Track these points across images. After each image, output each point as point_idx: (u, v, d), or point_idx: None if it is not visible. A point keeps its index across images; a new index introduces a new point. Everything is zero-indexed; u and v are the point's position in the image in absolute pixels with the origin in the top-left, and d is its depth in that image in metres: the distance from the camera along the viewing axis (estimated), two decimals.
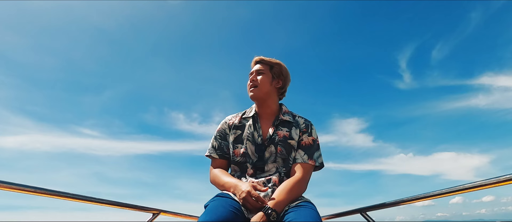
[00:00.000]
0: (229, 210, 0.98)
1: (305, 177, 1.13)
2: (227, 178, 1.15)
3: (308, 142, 1.21)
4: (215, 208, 0.99)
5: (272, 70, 1.27)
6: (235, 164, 1.23)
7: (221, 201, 1.01)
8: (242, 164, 1.20)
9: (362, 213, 1.52)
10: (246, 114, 1.30)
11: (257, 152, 1.19)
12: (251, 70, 1.29)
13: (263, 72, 1.26)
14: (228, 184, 1.11)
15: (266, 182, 1.13)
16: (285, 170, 1.17)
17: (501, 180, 0.90)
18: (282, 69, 1.28)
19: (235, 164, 1.23)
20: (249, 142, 1.20)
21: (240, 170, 1.22)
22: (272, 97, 1.27)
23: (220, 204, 1.00)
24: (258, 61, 1.29)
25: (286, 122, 1.24)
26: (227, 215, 0.96)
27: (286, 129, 1.21)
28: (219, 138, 1.27)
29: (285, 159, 1.18)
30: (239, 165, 1.22)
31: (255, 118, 1.25)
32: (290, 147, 1.19)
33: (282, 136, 1.19)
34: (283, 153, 1.17)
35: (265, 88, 1.24)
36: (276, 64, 1.28)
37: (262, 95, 1.24)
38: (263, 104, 1.26)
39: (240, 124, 1.26)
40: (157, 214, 1.56)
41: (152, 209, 1.55)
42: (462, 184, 1.02)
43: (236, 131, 1.25)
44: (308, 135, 1.22)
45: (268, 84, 1.24)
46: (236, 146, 1.22)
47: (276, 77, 1.27)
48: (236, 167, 1.23)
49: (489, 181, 0.96)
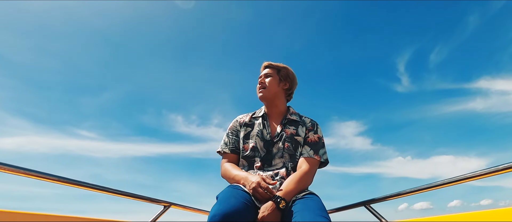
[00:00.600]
0: (241, 200, 1.01)
1: (311, 170, 1.19)
2: (237, 171, 1.21)
3: (314, 139, 1.28)
4: (227, 198, 1.02)
5: (280, 73, 1.37)
6: (244, 158, 1.29)
7: (232, 192, 1.05)
8: (251, 158, 1.27)
9: (366, 206, 1.56)
10: (256, 113, 1.39)
11: (266, 147, 1.26)
12: (260, 74, 1.39)
13: (271, 75, 1.35)
14: (238, 177, 1.17)
15: (273, 175, 1.19)
16: (292, 164, 1.23)
17: (499, 169, 0.95)
18: (288, 73, 1.38)
19: (244, 159, 1.30)
20: (258, 138, 1.28)
21: (248, 164, 1.28)
22: (280, 98, 1.36)
23: (232, 195, 1.03)
24: (266, 65, 1.40)
25: (293, 121, 1.33)
26: (239, 205, 0.98)
27: (293, 127, 1.30)
28: (231, 134, 1.35)
29: (292, 154, 1.24)
30: (248, 159, 1.28)
31: (264, 117, 1.35)
32: (296, 143, 1.26)
33: (289, 134, 1.27)
34: (290, 149, 1.24)
35: (273, 89, 1.33)
36: (283, 68, 1.38)
37: (270, 96, 1.32)
38: (271, 104, 1.35)
39: (251, 122, 1.35)
40: (168, 207, 1.57)
41: (163, 202, 1.55)
42: (459, 175, 1.07)
43: (246, 128, 1.33)
44: (314, 133, 1.30)
45: (275, 86, 1.34)
46: (246, 141, 1.31)
47: (283, 79, 1.36)
48: (245, 161, 1.29)
49: (489, 170, 0.99)
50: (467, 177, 1.05)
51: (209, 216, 0.95)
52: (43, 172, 1.02)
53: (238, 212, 0.94)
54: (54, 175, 1.04)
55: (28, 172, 0.98)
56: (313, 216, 0.95)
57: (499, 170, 0.93)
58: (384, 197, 1.48)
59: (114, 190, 1.31)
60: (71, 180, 1.11)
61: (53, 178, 1.04)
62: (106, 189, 1.27)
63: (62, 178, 1.07)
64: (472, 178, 1.04)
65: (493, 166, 0.95)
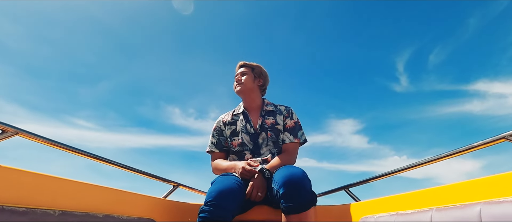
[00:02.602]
0: (233, 181, 1.16)
1: (293, 152, 1.37)
2: (226, 163, 1.37)
3: (291, 125, 1.43)
4: (221, 181, 1.16)
5: (254, 71, 1.49)
6: (234, 153, 1.42)
7: (225, 177, 1.21)
8: (240, 152, 1.39)
9: (346, 190, 1.66)
10: (236, 111, 1.50)
11: (252, 140, 1.39)
12: (236, 73, 1.50)
13: (246, 73, 1.46)
14: (228, 167, 1.32)
15: (262, 161, 1.32)
16: (276, 150, 1.37)
17: (453, 153, 1.09)
18: (262, 71, 1.51)
19: (233, 154, 1.42)
20: (244, 133, 1.40)
21: (239, 158, 1.40)
22: (255, 93, 1.47)
23: (225, 178, 1.19)
24: (241, 65, 1.52)
25: (270, 111, 1.46)
26: (232, 185, 1.12)
27: (271, 117, 1.43)
28: (216, 134, 1.47)
29: (275, 141, 1.39)
30: (238, 154, 1.40)
31: (245, 113, 1.46)
32: (277, 131, 1.40)
33: (270, 123, 1.41)
34: (273, 137, 1.39)
35: (249, 85, 1.44)
36: (256, 67, 1.50)
37: (246, 90, 1.44)
38: (248, 99, 1.46)
39: (233, 120, 1.47)
40: (176, 187, 1.64)
41: (173, 182, 1.63)
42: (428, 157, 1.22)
43: (230, 126, 1.45)
44: (290, 119, 1.44)
45: (251, 82, 1.45)
46: (233, 138, 1.42)
47: (257, 76, 1.49)
48: (235, 156, 1.42)
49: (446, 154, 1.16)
50: (429, 160, 1.23)
51: (207, 195, 1.09)
52: (56, 140, 1.07)
53: (231, 190, 1.09)
54: (59, 142, 1.06)
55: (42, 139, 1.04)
56: (289, 167, 1.10)
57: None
58: (362, 181, 1.62)
59: (130, 167, 1.37)
60: (87, 152, 1.17)
61: (68, 148, 1.09)
62: (122, 165, 1.33)
63: (76, 149, 1.12)
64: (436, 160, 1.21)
65: None
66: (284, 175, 1.04)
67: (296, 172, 1.05)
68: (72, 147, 1.11)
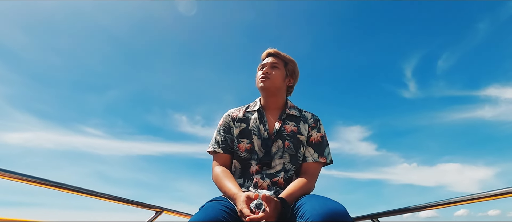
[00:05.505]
0: (220, 211, 0.89)
1: (315, 175, 1.10)
2: (229, 184, 1.03)
3: (317, 139, 1.15)
4: (206, 209, 0.90)
5: (287, 67, 1.22)
6: (238, 159, 1.15)
7: (214, 203, 0.94)
8: (246, 160, 1.13)
9: (373, 219, 1.50)
10: (250, 107, 1.23)
11: (264, 147, 1.11)
12: (264, 62, 1.22)
13: (278, 66, 1.20)
14: (227, 192, 1.01)
15: (270, 184, 1.05)
16: (294, 167, 1.10)
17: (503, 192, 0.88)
18: (295, 69, 1.24)
19: (237, 160, 1.15)
20: (255, 135, 1.13)
21: (242, 166, 1.14)
22: (282, 93, 1.21)
23: (212, 206, 0.91)
24: (273, 53, 1.22)
25: (293, 116, 1.18)
26: (217, 217, 0.85)
27: (293, 123, 1.16)
28: (223, 131, 1.18)
29: (293, 155, 1.11)
30: (242, 161, 1.14)
31: (260, 111, 1.19)
32: (298, 142, 1.12)
33: (290, 130, 1.13)
34: (291, 148, 1.11)
35: (278, 83, 1.17)
36: (291, 62, 1.23)
37: (273, 88, 1.17)
38: (271, 99, 1.20)
39: (244, 117, 1.19)
40: (160, 213, 1.52)
41: (155, 207, 1.51)
42: (467, 195, 1.02)
43: (240, 124, 1.17)
44: (317, 131, 1.16)
45: (281, 80, 1.19)
46: (240, 140, 1.15)
47: (289, 75, 1.22)
48: (238, 163, 1.15)
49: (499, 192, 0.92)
50: (481, 196, 0.97)
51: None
52: (31, 175, 0.98)
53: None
54: (43, 179, 0.98)
55: (12, 174, 0.94)
56: (324, 200, 0.83)
57: None
58: (391, 211, 1.41)
59: (103, 195, 1.26)
60: (59, 184, 1.07)
61: (43, 182, 1.00)
62: (97, 194, 1.23)
63: (51, 182, 1.03)
64: (484, 198, 0.96)
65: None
66: (322, 212, 0.78)
67: (337, 210, 0.78)
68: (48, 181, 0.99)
